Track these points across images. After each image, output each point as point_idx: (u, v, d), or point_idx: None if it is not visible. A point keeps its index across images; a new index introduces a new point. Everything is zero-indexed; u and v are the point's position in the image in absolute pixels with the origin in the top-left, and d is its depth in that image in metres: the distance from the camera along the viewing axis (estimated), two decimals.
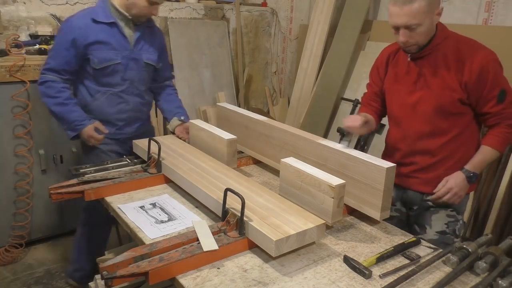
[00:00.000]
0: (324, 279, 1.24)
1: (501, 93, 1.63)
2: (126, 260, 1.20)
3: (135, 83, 2.23)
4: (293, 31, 4.41)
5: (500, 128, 1.68)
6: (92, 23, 2.07)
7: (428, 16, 1.56)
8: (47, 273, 2.74)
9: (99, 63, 2.10)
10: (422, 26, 1.57)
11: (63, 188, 1.68)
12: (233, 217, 1.39)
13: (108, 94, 2.19)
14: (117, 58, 2.13)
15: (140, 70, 2.23)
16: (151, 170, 1.87)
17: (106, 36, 2.09)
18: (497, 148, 1.69)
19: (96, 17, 2.08)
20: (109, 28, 2.10)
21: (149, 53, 2.24)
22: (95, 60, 2.09)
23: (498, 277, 1.21)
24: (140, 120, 2.34)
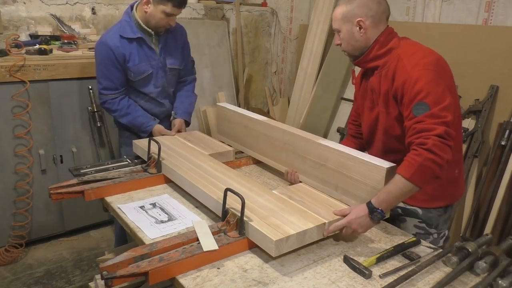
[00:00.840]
0: (324, 279, 1.24)
1: (418, 105, 1.40)
2: (126, 260, 1.20)
3: (166, 88, 2.41)
4: (293, 31, 4.41)
5: (412, 151, 1.37)
6: (123, 40, 2.20)
7: (345, 25, 1.59)
8: (47, 273, 2.74)
9: (135, 76, 2.27)
10: (341, 32, 1.62)
11: (63, 188, 1.69)
12: (233, 217, 1.39)
13: (146, 99, 2.38)
14: (149, 69, 2.28)
15: (167, 75, 2.38)
16: (151, 170, 1.87)
17: (137, 51, 2.23)
18: (405, 175, 1.33)
19: (124, 33, 2.20)
20: (137, 43, 2.23)
21: (173, 58, 2.37)
22: (132, 74, 2.26)
23: (498, 277, 1.21)
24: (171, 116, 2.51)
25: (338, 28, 1.62)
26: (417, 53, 1.53)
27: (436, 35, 3.05)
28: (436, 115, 1.37)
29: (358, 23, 1.57)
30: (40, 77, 2.72)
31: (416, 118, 1.40)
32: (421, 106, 1.39)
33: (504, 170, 2.63)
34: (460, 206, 2.86)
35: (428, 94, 1.40)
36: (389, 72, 1.55)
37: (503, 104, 2.73)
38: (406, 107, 1.45)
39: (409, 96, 1.44)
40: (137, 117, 2.30)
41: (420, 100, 1.40)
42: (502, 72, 2.71)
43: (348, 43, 1.62)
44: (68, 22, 3.27)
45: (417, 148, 1.35)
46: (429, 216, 1.65)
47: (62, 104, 2.86)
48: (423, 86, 1.41)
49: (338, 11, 1.60)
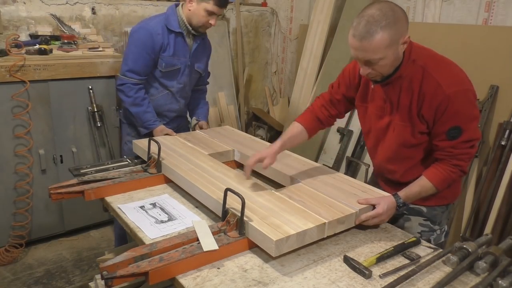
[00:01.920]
0: (324, 279, 1.24)
1: (453, 129, 1.45)
2: (126, 260, 1.20)
3: (186, 87, 2.49)
4: (293, 31, 4.41)
5: (445, 165, 1.51)
6: (165, 30, 2.27)
7: (391, 49, 1.38)
8: (47, 273, 2.74)
9: (166, 67, 2.34)
10: (384, 59, 1.40)
11: (63, 188, 1.68)
12: (233, 217, 1.39)
13: (164, 93, 2.43)
14: (178, 64, 2.36)
15: (191, 76, 2.47)
16: (151, 170, 1.87)
17: (175, 44, 2.31)
18: (437, 185, 1.53)
19: (169, 25, 2.28)
20: (176, 36, 2.31)
21: (200, 62, 2.49)
22: (163, 64, 2.32)
23: (498, 277, 1.21)
24: (181, 117, 2.63)
25: (383, 56, 1.38)
26: (444, 67, 1.48)
27: (436, 35, 3.05)
28: (468, 140, 1.48)
29: (406, 40, 1.41)
30: (40, 77, 2.72)
31: (450, 143, 1.48)
32: (456, 131, 1.46)
33: (504, 170, 2.63)
34: (460, 206, 2.86)
35: (461, 118, 1.45)
36: (414, 86, 1.48)
37: (503, 104, 2.73)
38: (440, 124, 1.47)
39: (444, 118, 1.45)
40: (146, 112, 2.33)
41: (456, 124, 1.45)
42: (502, 72, 2.71)
43: (391, 66, 1.45)
44: (68, 22, 3.27)
45: (454, 168, 1.51)
46: (433, 213, 1.69)
47: (62, 104, 2.86)
48: (458, 109, 1.43)
49: (381, 40, 1.34)
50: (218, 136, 2.25)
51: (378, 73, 1.47)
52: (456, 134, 1.46)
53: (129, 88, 2.30)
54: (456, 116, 1.44)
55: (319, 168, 1.86)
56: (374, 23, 1.33)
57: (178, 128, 2.55)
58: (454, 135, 1.46)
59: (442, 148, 1.51)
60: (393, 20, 1.34)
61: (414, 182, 1.56)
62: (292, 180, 1.73)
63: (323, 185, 1.66)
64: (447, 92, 1.42)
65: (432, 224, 1.70)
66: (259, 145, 2.13)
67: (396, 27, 1.35)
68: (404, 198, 1.51)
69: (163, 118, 2.48)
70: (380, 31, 1.33)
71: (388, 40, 1.35)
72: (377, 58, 1.39)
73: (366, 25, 1.34)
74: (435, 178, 1.52)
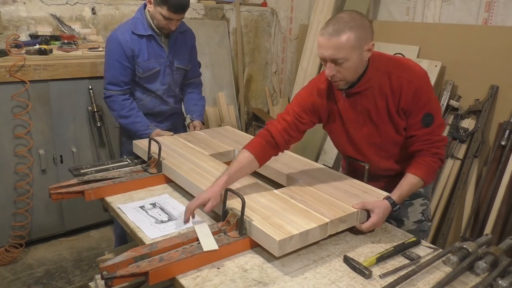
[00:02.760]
0: (324, 279, 1.24)
1: (426, 116, 1.54)
2: (126, 260, 1.20)
3: (172, 86, 2.43)
4: (293, 31, 4.41)
5: (425, 157, 1.56)
6: (134, 36, 2.23)
7: (356, 52, 1.44)
8: (47, 273, 2.74)
9: (143, 72, 2.30)
10: (349, 61, 1.45)
11: (63, 188, 1.68)
12: (233, 217, 1.39)
13: (151, 97, 2.40)
14: (156, 66, 2.31)
15: (174, 75, 2.41)
16: (151, 170, 1.87)
17: (146, 48, 2.26)
18: (423, 177, 1.56)
19: (136, 30, 2.24)
20: (147, 39, 2.26)
21: (181, 59, 2.42)
22: (140, 70, 2.28)
23: (498, 277, 1.21)
24: (176, 114, 2.58)
25: (346, 56, 1.43)
26: (405, 65, 1.58)
27: (436, 35, 3.05)
28: (441, 124, 1.58)
29: (370, 47, 1.47)
30: (40, 77, 2.72)
31: (426, 130, 1.56)
32: (429, 117, 1.55)
33: (504, 170, 2.63)
34: (460, 206, 2.86)
35: (433, 105, 1.56)
36: (385, 89, 1.55)
37: (503, 104, 2.73)
38: (414, 115, 1.55)
39: (418, 105, 1.54)
40: (135, 123, 2.30)
41: (428, 111, 1.54)
42: (502, 72, 2.71)
43: (355, 72, 1.50)
44: (68, 22, 3.27)
45: (434, 156, 1.57)
46: (427, 191, 1.81)
47: (62, 104, 2.86)
48: (426, 97, 1.54)
49: (348, 38, 1.41)
50: (219, 136, 2.25)
51: (342, 76, 1.50)
52: (429, 120, 1.55)
53: (114, 101, 2.28)
54: (428, 104, 1.54)
55: (320, 168, 1.86)
56: (343, 23, 1.42)
57: (173, 126, 2.54)
58: (428, 121, 1.55)
59: (420, 137, 1.57)
60: (360, 24, 1.44)
61: (402, 182, 1.57)
62: (293, 180, 1.73)
63: (323, 185, 1.66)
64: (416, 83, 1.53)
65: (428, 200, 1.81)
66: None
67: (363, 31, 1.44)
68: (397, 200, 1.53)
69: (156, 117, 2.46)
70: (348, 31, 1.42)
71: (354, 40, 1.42)
72: (342, 57, 1.44)
73: (335, 24, 1.43)
74: (420, 171, 1.56)
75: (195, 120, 2.47)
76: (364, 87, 1.57)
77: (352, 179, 1.74)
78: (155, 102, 2.41)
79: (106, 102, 2.33)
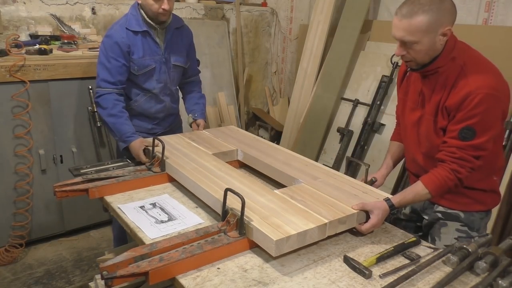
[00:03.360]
0: (324, 279, 1.24)
1: (466, 129, 1.43)
2: (126, 260, 1.20)
3: (168, 84, 2.38)
4: (293, 31, 4.41)
5: (443, 171, 1.48)
6: (128, 32, 2.20)
7: (427, 35, 1.40)
8: (47, 273, 2.74)
9: (139, 70, 2.25)
10: (419, 44, 1.42)
11: (68, 186, 1.69)
12: (233, 217, 1.39)
13: (147, 97, 2.34)
14: (152, 63, 2.27)
15: (170, 72, 2.37)
16: (155, 169, 1.88)
17: (141, 44, 2.22)
18: (432, 191, 1.49)
19: (130, 27, 2.21)
20: (142, 36, 2.22)
21: (178, 55, 2.38)
22: (135, 67, 2.24)
23: (498, 277, 1.21)
24: (173, 115, 2.53)
25: (417, 40, 1.41)
26: (482, 70, 1.47)
27: None
28: (477, 147, 1.44)
29: (445, 32, 1.41)
30: (40, 77, 2.72)
31: (460, 143, 1.45)
32: (469, 132, 1.43)
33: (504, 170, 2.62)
34: None
35: (480, 122, 1.42)
36: (448, 81, 1.49)
37: None
38: (455, 122, 1.46)
39: (462, 116, 1.43)
40: (123, 125, 2.14)
41: (471, 125, 1.42)
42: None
43: (426, 54, 1.46)
44: (68, 22, 3.27)
45: (452, 173, 1.47)
46: (471, 219, 1.65)
47: (62, 104, 2.86)
48: (480, 111, 1.41)
49: (420, 22, 1.38)
50: (223, 135, 2.25)
51: (412, 57, 1.48)
52: (468, 135, 1.43)
53: (106, 99, 2.16)
54: (475, 118, 1.41)
55: (320, 168, 1.86)
56: (418, 5, 1.38)
57: (171, 128, 2.50)
58: (466, 135, 1.44)
59: (449, 146, 1.48)
60: (437, 8, 1.37)
61: (409, 187, 1.55)
62: (293, 180, 1.73)
63: (324, 185, 1.66)
64: (476, 91, 1.40)
65: (470, 230, 1.65)
66: (263, 145, 2.13)
67: (438, 16, 1.38)
68: (397, 205, 1.51)
69: (152, 120, 2.41)
70: (421, 14, 1.37)
71: (426, 24, 1.38)
72: (412, 40, 1.41)
73: (410, 5, 1.40)
74: (430, 183, 1.50)
75: (198, 118, 2.45)
76: (432, 72, 1.52)
77: (352, 179, 1.74)
78: (151, 101, 2.36)
79: (97, 101, 2.20)
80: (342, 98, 3.58)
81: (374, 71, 3.37)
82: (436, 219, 1.70)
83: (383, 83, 3.20)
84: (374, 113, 3.23)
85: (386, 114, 3.22)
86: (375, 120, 3.23)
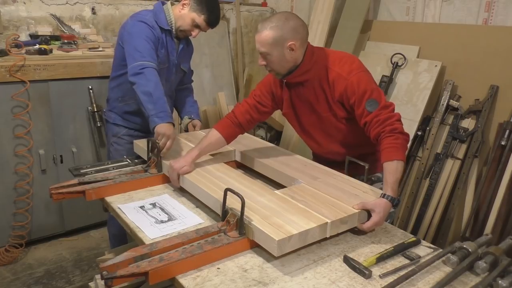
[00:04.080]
0: (324, 279, 1.24)
1: (368, 102, 1.65)
2: (126, 260, 1.20)
3: (172, 86, 2.43)
4: None
5: (385, 139, 1.60)
6: (157, 27, 2.21)
7: (275, 48, 1.64)
8: (47, 273, 2.74)
9: (159, 65, 2.17)
10: (271, 55, 1.66)
11: (64, 188, 1.68)
12: (233, 217, 1.39)
13: None
14: (167, 62, 2.30)
15: (177, 75, 2.42)
16: (152, 170, 1.87)
17: (165, 41, 2.25)
18: (397, 157, 1.55)
19: (159, 22, 2.22)
20: (166, 34, 2.26)
21: (184, 61, 2.44)
22: (157, 60, 2.17)
23: (498, 277, 1.21)
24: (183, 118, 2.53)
25: (268, 52, 1.65)
26: (342, 60, 1.73)
27: (436, 35, 3.05)
28: (386, 105, 1.66)
29: (290, 46, 1.64)
30: (40, 77, 2.72)
31: (373, 113, 1.64)
32: (372, 103, 1.65)
33: (504, 170, 2.63)
34: (460, 206, 2.86)
35: (373, 91, 1.66)
36: (323, 82, 1.73)
37: (503, 104, 2.73)
38: (357, 106, 1.68)
39: (357, 97, 1.67)
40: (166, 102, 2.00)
41: (369, 98, 1.65)
42: (502, 72, 2.71)
43: (279, 65, 1.70)
44: (68, 22, 3.27)
45: (392, 133, 1.60)
46: None
47: (62, 104, 2.86)
48: (365, 86, 1.66)
49: (266, 36, 1.63)
50: None
51: (270, 68, 1.72)
52: (373, 105, 1.64)
53: (151, 71, 2.01)
54: (367, 92, 1.65)
55: (319, 168, 1.86)
56: (267, 23, 1.65)
57: None
58: (372, 106, 1.64)
59: (371, 122, 1.64)
60: (281, 25, 1.62)
61: (385, 175, 1.57)
62: (293, 181, 1.73)
63: (324, 185, 1.66)
64: (347, 78, 1.68)
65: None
66: (260, 145, 2.13)
67: (282, 32, 1.62)
68: (393, 194, 1.52)
69: None
70: (269, 30, 1.63)
71: (271, 39, 1.62)
72: (264, 51, 1.66)
73: (263, 23, 1.66)
74: (392, 155, 1.57)
75: (195, 119, 2.47)
76: (303, 79, 1.76)
77: (352, 179, 1.74)
78: None
79: (140, 72, 1.99)
80: None
81: (374, 71, 3.36)
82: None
83: (383, 83, 3.20)
84: None
85: None
86: None
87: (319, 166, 1.89)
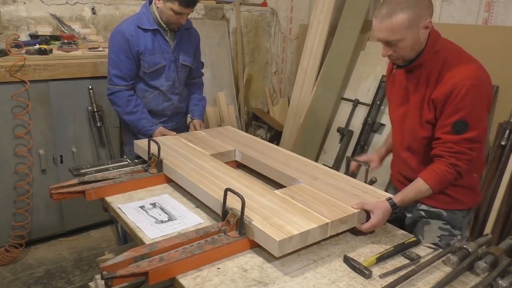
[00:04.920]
0: (324, 279, 1.24)
1: (459, 123, 1.44)
2: (126, 260, 1.20)
3: (176, 83, 2.44)
4: (293, 31, 4.41)
5: (442, 165, 1.49)
6: (139, 30, 2.24)
7: (410, 31, 1.43)
8: (47, 273, 2.74)
9: (149, 68, 2.30)
10: (403, 41, 1.45)
11: (64, 188, 1.68)
12: (233, 217, 1.39)
13: (155, 94, 2.40)
14: (162, 61, 2.33)
15: (178, 71, 2.42)
16: (152, 170, 1.87)
17: (152, 42, 2.28)
18: (433, 186, 1.49)
19: (141, 24, 2.25)
20: (153, 34, 2.27)
21: (186, 55, 2.43)
22: (146, 65, 2.29)
23: (498, 277, 1.21)
24: (180, 114, 2.57)
25: (400, 38, 1.43)
26: (465, 62, 1.49)
27: None
28: (472, 140, 1.46)
29: (426, 25, 1.45)
30: (40, 77, 2.72)
31: (454, 137, 1.46)
32: (462, 125, 1.44)
33: (504, 170, 2.63)
34: None
35: (470, 113, 1.44)
36: (432, 75, 1.51)
37: (503, 104, 2.73)
38: (446, 117, 1.47)
39: (452, 109, 1.45)
40: (140, 119, 2.31)
41: (462, 118, 1.44)
42: (502, 72, 2.71)
43: (412, 49, 1.49)
44: (68, 22, 3.27)
45: (451, 167, 1.48)
46: (453, 217, 1.67)
47: (62, 104, 2.86)
48: (469, 103, 1.43)
49: (400, 20, 1.40)
50: (220, 136, 2.25)
51: (399, 55, 1.51)
52: (461, 128, 1.45)
53: (119, 97, 2.28)
54: (468, 111, 1.43)
55: (319, 168, 1.86)
56: (395, 4, 1.41)
57: (178, 126, 2.54)
58: (459, 129, 1.45)
59: (444, 142, 1.49)
60: (413, 3, 1.41)
61: (410, 185, 1.54)
62: (293, 180, 1.73)
63: (324, 185, 1.66)
64: (462, 82, 1.43)
65: (453, 228, 1.67)
66: (261, 145, 2.13)
67: (417, 10, 1.41)
68: (399, 204, 1.49)
69: (160, 117, 2.46)
70: (400, 12, 1.40)
71: (407, 21, 1.40)
72: (396, 39, 1.44)
73: (387, 6, 1.43)
74: (430, 179, 1.50)
75: (195, 119, 2.49)
76: (416, 65, 1.55)
77: (352, 179, 1.74)
78: (158, 99, 2.41)
79: (110, 98, 2.31)
80: (342, 98, 3.58)
81: (374, 71, 3.37)
82: (419, 217, 1.72)
83: (383, 83, 3.20)
84: (374, 113, 3.23)
85: (386, 114, 3.21)
86: (375, 120, 3.23)
87: (319, 166, 1.89)
